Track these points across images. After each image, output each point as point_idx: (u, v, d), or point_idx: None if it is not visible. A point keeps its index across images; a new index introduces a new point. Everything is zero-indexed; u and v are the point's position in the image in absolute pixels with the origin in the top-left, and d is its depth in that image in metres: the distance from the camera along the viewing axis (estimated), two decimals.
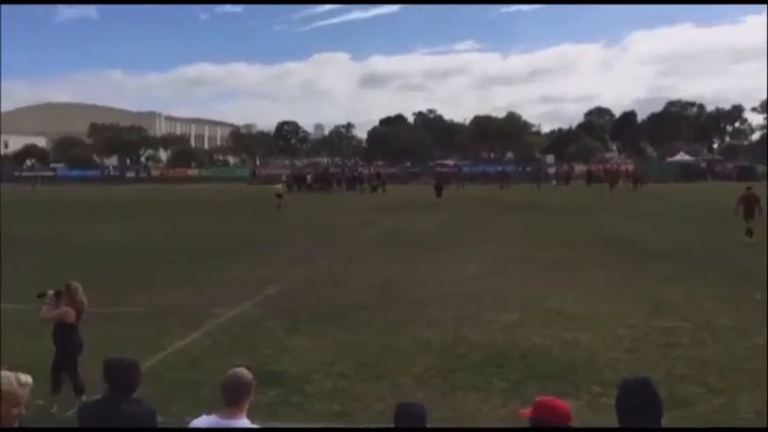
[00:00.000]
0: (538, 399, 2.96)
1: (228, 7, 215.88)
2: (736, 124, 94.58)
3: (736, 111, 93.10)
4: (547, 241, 19.14)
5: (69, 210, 33.81)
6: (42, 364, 7.86)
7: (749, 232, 18.82)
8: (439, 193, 39.81)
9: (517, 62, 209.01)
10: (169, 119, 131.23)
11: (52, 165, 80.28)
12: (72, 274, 14.22)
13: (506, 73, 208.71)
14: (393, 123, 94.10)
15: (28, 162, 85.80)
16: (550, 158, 78.28)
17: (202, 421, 3.29)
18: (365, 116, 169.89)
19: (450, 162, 77.41)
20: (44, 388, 6.88)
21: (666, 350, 8.36)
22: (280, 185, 36.87)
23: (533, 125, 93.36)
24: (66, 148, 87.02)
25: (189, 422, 3.41)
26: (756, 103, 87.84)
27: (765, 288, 11.63)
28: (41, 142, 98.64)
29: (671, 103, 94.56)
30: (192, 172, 75.22)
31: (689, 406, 6.42)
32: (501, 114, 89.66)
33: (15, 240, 19.04)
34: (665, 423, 3.00)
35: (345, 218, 27.56)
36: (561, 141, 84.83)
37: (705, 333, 9.11)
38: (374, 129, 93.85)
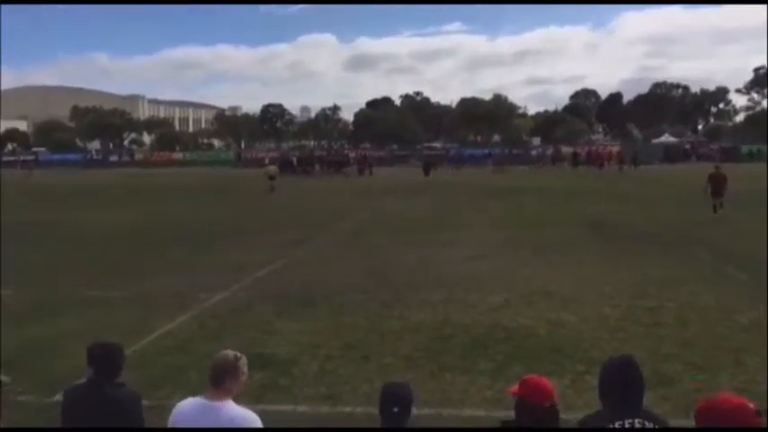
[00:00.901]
0: (524, 377, 3.01)
1: None
2: (721, 105, 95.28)
3: (721, 92, 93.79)
4: (533, 224, 19.24)
5: (54, 195, 33.49)
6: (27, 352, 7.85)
7: (715, 208, 19.89)
8: (427, 173, 42.39)
9: (505, 44, 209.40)
10: (153, 102, 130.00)
11: (33, 149, 79.19)
12: (58, 259, 14.18)
13: (494, 55, 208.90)
14: (380, 106, 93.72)
15: (9, 146, 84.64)
16: (537, 140, 78.42)
17: (188, 404, 3.29)
18: (352, 99, 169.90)
19: (438, 145, 77.33)
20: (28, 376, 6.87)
21: (651, 330, 8.47)
22: (273, 167, 36.18)
23: (520, 107, 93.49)
24: (49, 132, 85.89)
25: (174, 405, 3.41)
26: (741, 84, 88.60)
27: (748, 268, 11.81)
28: (23, 126, 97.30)
29: (657, 85, 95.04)
30: (177, 156, 74.30)
31: (672, 384, 6.52)
32: (488, 96, 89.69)
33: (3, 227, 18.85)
34: (647, 401, 3.05)
35: (332, 202, 27.50)
36: (548, 123, 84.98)
37: (689, 313, 9.23)
38: (361, 111, 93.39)
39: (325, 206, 25.43)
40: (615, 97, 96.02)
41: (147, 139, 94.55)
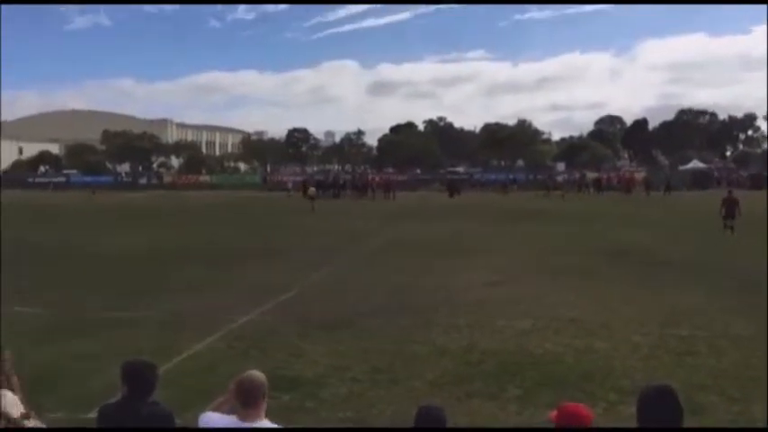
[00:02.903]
0: (562, 404, 2.93)
1: (239, 14, 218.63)
2: (749, 132, 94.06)
3: (749, 119, 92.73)
4: (557, 249, 19.05)
5: (85, 216, 34.10)
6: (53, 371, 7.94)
7: (730, 229, 21.25)
8: (451, 195, 45.28)
9: (527, 70, 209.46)
10: (180, 126, 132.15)
11: (65, 171, 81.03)
12: (86, 279, 14.38)
13: (516, 81, 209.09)
14: (403, 130, 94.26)
15: (42, 168, 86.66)
16: (561, 166, 78.03)
17: (218, 420, 3.29)
18: (375, 123, 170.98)
19: (461, 169, 77.41)
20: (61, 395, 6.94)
21: (683, 358, 8.29)
22: (312, 189, 40.60)
23: (544, 133, 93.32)
24: (80, 155, 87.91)
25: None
26: None
27: None
28: (55, 149, 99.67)
29: (683, 111, 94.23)
30: (204, 178, 75.62)
31: (706, 414, 6.36)
32: (511, 122, 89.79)
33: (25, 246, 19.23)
34: None
35: (357, 224, 27.56)
36: (572, 149, 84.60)
37: (721, 342, 9.03)
38: (384, 136, 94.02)
39: (349, 229, 25.48)
40: (641, 123, 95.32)
41: (174, 162, 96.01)
